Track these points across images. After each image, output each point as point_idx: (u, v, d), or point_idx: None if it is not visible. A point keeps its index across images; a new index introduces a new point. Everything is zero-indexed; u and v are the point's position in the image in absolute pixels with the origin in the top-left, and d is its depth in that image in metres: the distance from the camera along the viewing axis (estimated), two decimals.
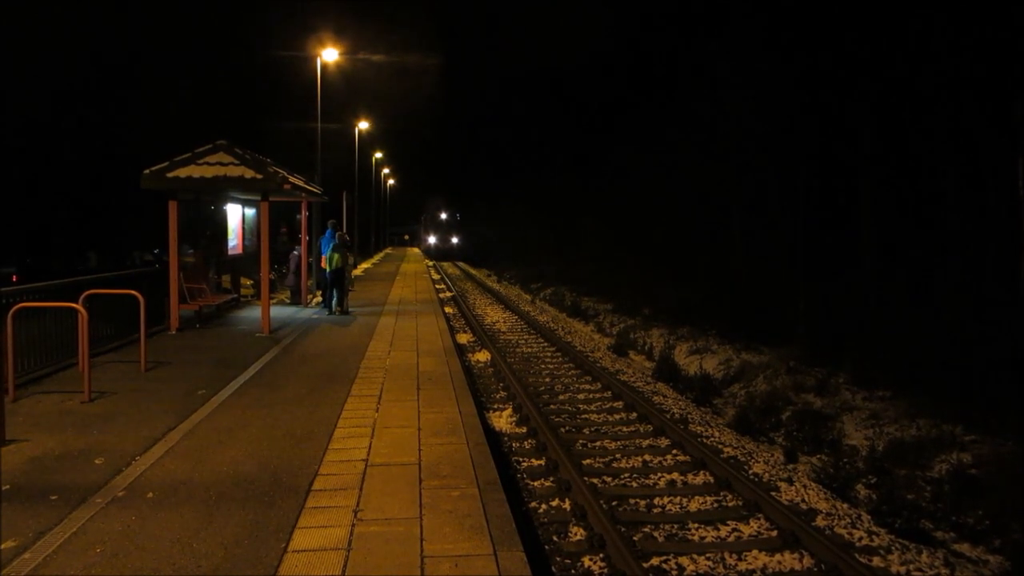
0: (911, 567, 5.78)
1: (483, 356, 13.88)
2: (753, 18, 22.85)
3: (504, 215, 59.72)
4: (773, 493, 7.01)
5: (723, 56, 24.00)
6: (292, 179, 13.78)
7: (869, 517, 6.94)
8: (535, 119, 56.53)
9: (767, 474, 7.72)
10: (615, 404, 10.48)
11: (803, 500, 7.00)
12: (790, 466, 8.87)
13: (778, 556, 5.78)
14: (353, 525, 4.61)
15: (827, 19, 19.38)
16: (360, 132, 40.65)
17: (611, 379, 11.62)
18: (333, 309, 15.62)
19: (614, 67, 37.16)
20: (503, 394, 11.00)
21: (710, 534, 6.20)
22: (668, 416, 9.73)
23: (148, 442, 6.28)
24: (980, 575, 6.46)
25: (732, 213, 23.49)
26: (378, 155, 58.77)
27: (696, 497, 6.95)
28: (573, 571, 5.54)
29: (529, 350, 15.04)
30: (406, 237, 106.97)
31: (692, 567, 5.62)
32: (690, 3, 28.91)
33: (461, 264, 54.31)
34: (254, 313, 14.80)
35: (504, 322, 19.66)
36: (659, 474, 7.60)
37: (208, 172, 12.09)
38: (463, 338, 16.10)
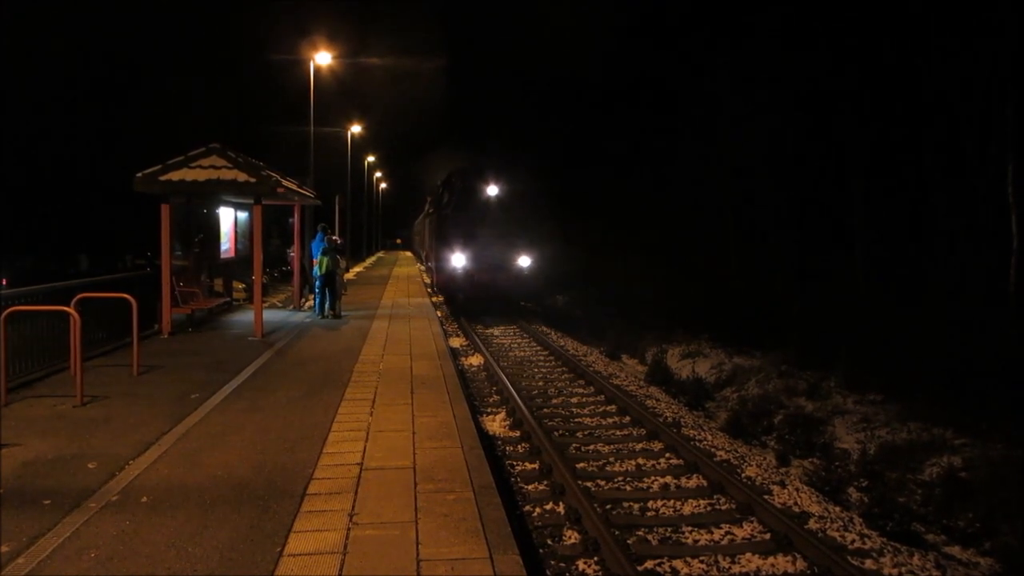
0: (903, 569, 5.82)
1: (476, 360, 13.89)
2: (749, 29, 23.03)
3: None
4: (766, 496, 7.04)
5: (719, 66, 24.17)
6: (285, 183, 13.76)
7: (861, 520, 6.98)
8: (532, 121, 55.03)
9: (760, 477, 7.75)
10: (608, 408, 10.51)
11: (796, 503, 7.03)
12: (782, 469, 8.91)
13: (771, 559, 5.81)
14: (349, 529, 4.61)
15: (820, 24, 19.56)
16: (353, 136, 40.63)
17: (604, 383, 11.64)
18: (325, 313, 15.59)
19: (613, 74, 37.38)
20: (497, 398, 11.00)
21: (704, 537, 6.22)
22: (661, 420, 9.75)
23: (142, 446, 6.26)
24: None
25: (726, 217, 23.59)
26: (370, 159, 58.63)
27: (689, 500, 6.97)
28: (568, 574, 5.56)
29: (522, 354, 15.05)
30: (398, 241, 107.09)
31: (686, 570, 5.64)
32: (692, 15, 29.12)
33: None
34: (247, 317, 14.76)
35: (497, 326, 19.65)
36: (652, 477, 7.62)
37: (201, 175, 12.07)
38: (456, 342, 16.09)
